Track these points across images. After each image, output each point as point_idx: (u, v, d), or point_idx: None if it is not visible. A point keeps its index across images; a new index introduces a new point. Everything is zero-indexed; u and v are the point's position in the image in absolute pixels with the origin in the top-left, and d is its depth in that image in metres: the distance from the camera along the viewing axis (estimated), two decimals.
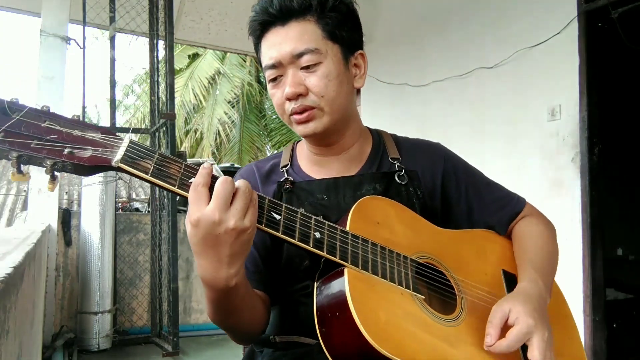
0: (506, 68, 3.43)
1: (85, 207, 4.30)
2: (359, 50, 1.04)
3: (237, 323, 0.92)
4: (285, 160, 1.10)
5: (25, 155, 0.67)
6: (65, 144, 0.70)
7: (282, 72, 0.97)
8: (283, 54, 0.95)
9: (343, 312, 0.76)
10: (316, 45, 0.95)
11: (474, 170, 1.15)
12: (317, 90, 0.95)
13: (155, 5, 4.39)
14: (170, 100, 4.00)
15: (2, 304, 0.87)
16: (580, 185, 2.91)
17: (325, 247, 0.81)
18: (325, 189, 1.02)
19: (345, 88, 1.00)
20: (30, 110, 0.70)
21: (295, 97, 0.95)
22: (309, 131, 0.98)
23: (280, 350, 0.99)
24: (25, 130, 0.69)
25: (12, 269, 1.03)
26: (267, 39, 0.98)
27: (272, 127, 14.23)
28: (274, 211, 0.79)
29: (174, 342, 3.83)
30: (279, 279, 1.01)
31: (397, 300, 0.82)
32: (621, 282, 3.16)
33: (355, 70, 1.03)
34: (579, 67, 2.94)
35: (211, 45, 5.65)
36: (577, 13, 2.96)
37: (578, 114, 2.95)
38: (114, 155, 0.72)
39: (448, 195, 1.09)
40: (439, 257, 0.95)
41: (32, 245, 1.77)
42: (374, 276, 0.82)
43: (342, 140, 1.05)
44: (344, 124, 1.03)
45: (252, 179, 1.07)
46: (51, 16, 3.85)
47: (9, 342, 1.00)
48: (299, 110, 0.96)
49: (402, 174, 1.05)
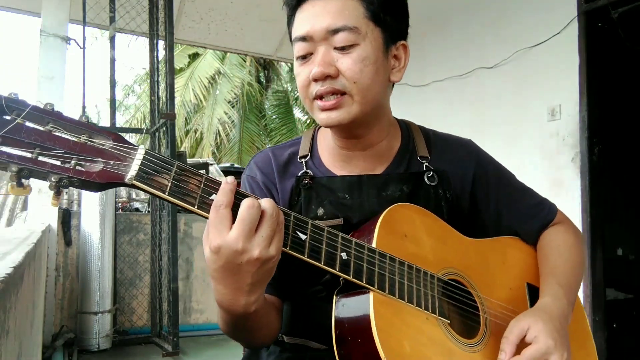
0: (506, 68, 3.43)
1: (85, 207, 4.30)
2: (402, 40, 0.93)
3: (250, 338, 0.89)
4: (304, 150, 1.00)
5: (27, 169, 0.59)
6: (72, 154, 0.61)
7: (312, 49, 0.86)
8: (317, 27, 0.84)
9: (366, 339, 0.74)
10: (356, 24, 0.84)
11: (506, 174, 1.08)
12: (350, 74, 0.84)
13: (155, 5, 4.39)
14: (170, 100, 4.00)
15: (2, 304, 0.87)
16: (580, 185, 2.91)
17: (352, 270, 0.76)
18: (348, 188, 0.94)
19: (381, 78, 0.89)
20: (32, 110, 0.60)
21: (323, 77, 0.84)
22: (333, 120, 0.87)
23: (288, 352, 0.96)
24: (26, 137, 0.59)
25: (12, 269, 1.03)
26: (303, 10, 0.88)
27: (272, 127, 14.23)
28: (300, 230, 0.73)
29: (174, 342, 3.83)
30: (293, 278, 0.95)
31: (422, 326, 0.80)
32: (621, 282, 3.16)
33: (394, 62, 0.92)
34: (579, 67, 2.94)
35: (211, 45, 5.64)
36: (577, 13, 2.97)
37: (578, 114, 2.95)
38: (128, 170, 0.63)
39: (477, 198, 1.02)
40: (465, 272, 0.91)
41: (32, 245, 1.77)
42: (400, 301, 0.79)
43: (369, 135, 0.94)
44: (373, 117, 0.92)
45: (269, 169, 0.99)
46: (51, 16, 3.85)
47: (9, 342, 1.00)
48: (326, 93, 0.85)
49: (431, 175, 0.97)
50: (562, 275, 0.96)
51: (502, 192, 1.04)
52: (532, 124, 3.23)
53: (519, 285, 0.98)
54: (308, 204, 0.93)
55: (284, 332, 0.97)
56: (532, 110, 3.23)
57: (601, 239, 2.88)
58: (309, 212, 0.92)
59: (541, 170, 3.13)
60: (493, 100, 3.54)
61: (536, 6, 3.26)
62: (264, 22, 5.18)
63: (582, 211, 2.87)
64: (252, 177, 0.99)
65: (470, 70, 3.68)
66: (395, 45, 0.92)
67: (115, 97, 4.89)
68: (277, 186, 0.97)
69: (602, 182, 2.92)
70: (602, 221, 2.88)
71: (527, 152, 3.22)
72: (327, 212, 0.92)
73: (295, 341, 0.96)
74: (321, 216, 0.92)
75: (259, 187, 0.98)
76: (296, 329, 0.96)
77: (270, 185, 0.97)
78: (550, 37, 3.11)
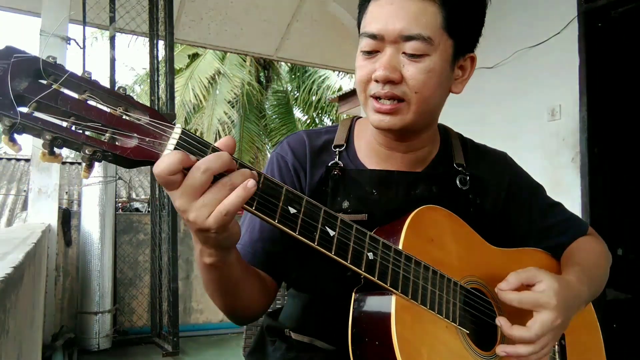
0: (506, 68, 3.43)
1: (85, 207, 4.30)
2: (471, 52, 0.91)
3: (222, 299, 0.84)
4: (340, 140, 0.97)
5: (61, 138, 0.56)
6: (107, 127, 0.59)
7: (380, 48, 0.83)
8: (390, 29, 0.81)
9: (384, 343, 0.73)
10: (430, 34, 0.81)
11: (539, 189, 1.08)
12: (414, 83, 0.82)
13: (155, 5, 4.39)
14: (170, 100, 4.00)
15: (2, 304, 0.87)
16: (580, 185, 2.91)
17: (377, 271, 0.74)
18: (377, 182, 0.92)
19: (443, 90, 0.88)
20: (70, 77, 0.58)
21: (385, 81, 0.82)
22: (385, 125, 0.85)
23: (295, 350, 0.95)
24: (62, 104, 0.56)
25: (12, 269, 1.03)
26: (379, 2, 0.84)
27: (272, 127, 14.23)
28: (329, 225, 0.71)
29: (174, 342, 3.83)
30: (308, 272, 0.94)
31: (441, 335, 0.80)
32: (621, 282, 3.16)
33: (459, 72, 0.90)
34: (579, 67, 2.94)
35: (211, 45, 5.65)
36: (577, 13, 2.96)
37: (578, 114, 2.95)
38: (163, 149, 0.61)
39: (509, 211, 1.02)
40: (488, 281, 0.90)
41: (32, 245, 1.77)
42: (422, 307, 0.78)
43: (415, 141, 0.93)
44: (425, 125, 0.91)
45: (302, 152, 0.96)
46: (51, 16, 3.85)
47: (9, 342, 1.00)
48: (385, 97, 0.83)
49: (465, 178, 0.96)
50: (587, 268, 0.94)
51: (534, 206, 1.04)
52: (532, 124, 3.23)
53: None
54: (334, 196, 0.92)
55: (292, 328, 0.96)
56: (532, 110, 3.23)
57: None
58: (334, 204, 0.91)
59: (541, 170, 3.12)
60: (493, 100, 3.54)
61: (536, 6, 3.26)
62: (264, 22, 5.18)
63: (582, 211, 2.87)
64: (283, 156, 0.97)
65: None
66: (464, 56, 0.90)
67: None
68: (307, 171, 0.95)
69: (602, 182, 2.92)
70: (602, 221, 2.88)
71: (527, 152, 3.22)
72: (352, 206, 0.91)
73: (303, 339, 0.94)
74: (346, 209, 0.90)
75: (287, 168, 0.95)
76: (304, 326, 0.95)
77: (299, 169, 0.95)
78: (550, 37, 3.11)
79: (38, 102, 0.55)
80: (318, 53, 5.71)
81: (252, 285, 0.84)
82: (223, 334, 4.75)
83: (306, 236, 0.69)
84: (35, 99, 0.55)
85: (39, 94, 0.55)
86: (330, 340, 0.91)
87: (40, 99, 0.55)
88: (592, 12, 2.93)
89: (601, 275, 0.99)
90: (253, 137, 13.76)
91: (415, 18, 0.81)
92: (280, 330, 0.97)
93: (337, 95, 9.27)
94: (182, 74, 12.78)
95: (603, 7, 2.86)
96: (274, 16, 5.13)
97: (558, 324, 0.79)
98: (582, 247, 1.02)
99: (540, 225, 1.03)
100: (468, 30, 0.88)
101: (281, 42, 5.39)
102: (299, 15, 5.12)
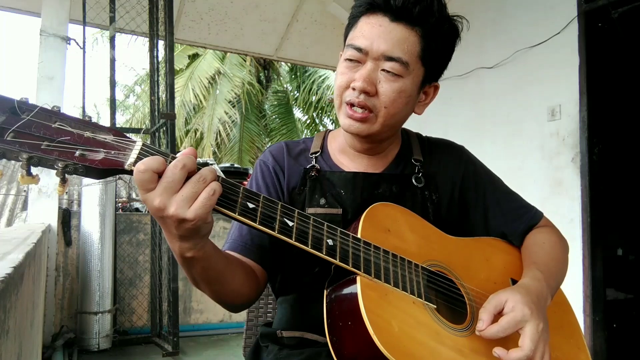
0: (506, 68, 3.43)
1: (85, 207, 4.30)
2: (436, 82, 1.05)
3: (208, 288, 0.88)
4: (315, 147, 1.10)
5: (36, 157, 0.66)
6: (77, 146, 0.68)
7: (362, 60, 0.96)
8: (375, 47, 0.94)
9: (355, 321, 0.75)
10: (409, 60, 0.94)
11: (494, 177, 1.15)
12: (385, 99, 0.95)
13: (155, 5, 4.39)
14: (170, 100, 4.00)
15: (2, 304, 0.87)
16: (580, 185, 2.91)
17: (338, 254, 0.80)
18: (344, 183, 1.03)
19: (408, 109, 1.01)
20: (40, 110, 0.68)
21: (361, 91, 0.94)
22: (354, 130, 0.98)
23: (287, 348, 0.98)
24: (36, 131, 0.66)
25: (12, 269, 1.03)
26: (370, 21, 0.96)
27: (272, 127, 14.24)
28: (287, 217, 0.78)
29: (174, 342, 3.83)
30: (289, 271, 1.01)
31: (409, 309, 0.82)
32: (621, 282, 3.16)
33: (422, 96, 1.04)
34: (579, 67, 2.94)
35: (211, 45, 5.64)
36: (577, 13, 2.97)
37: (578, 114, 2.95)
38: (127, 158, 0.70)
39: (466, 199, 1.10)
40: (448, 265, 0.94)
41: (32, 245, 1.77)
42: (386, 285, 0.82)
43: (379, 147, 1.06)
44: (388, 135, 1.04)
45: (281, 157, 1.09)
46: (51, 16, 3.85)
47: (9, 342, 1.00)
48: (358, 105, 0.95)
49: (419, 176, 1.05)
50: (542, 264, 1.00)
51: (490, 193, 1.11)
52: (532, 124, 3.23)
53: (503, 280, 1.01)
54: (312, 193, 1.02)
55: (282, 328, 1.00)
56: (532, 110, 3.23)
57: (601, 239, 2.88)
58: (313, 201, 1.02)
59: (541, 170, 3.13)
60: (493, 100, 3.54)
61: (536, 6, 3.26)
62: (264, 22, 5.18)
63: (582, 211, 2.87)
64: (265, 162, 1.10)
65: (470, 70, 3.68)
66: (429, 84, 1.03)
67: (115, 97, 4.89)
68: (285, 172, 1.07)
69: (602, 182, 2.92)
70: (602, 221, 2.88)
71: (527, 152, 3.23)
72: (328, 202, 1.01)
73: (294, 334, 0.99)
74: (323, 204, 1.01)
75: (269, 170, 1.08)
76: (294, 324, 1.00)
77: (278, 170, 1.08)
78: (550, 37, 3.11)
79: (15, 131, 0.65)
80: (318, 53, 5.71)
81: (236, 272, 0.90)
82: (223, 334, 4.75)
83: (267, 226, 0.76)
84: (12, 129, 0.65)
85: (15, 125, 0.66)
86: (320, 332, 0.94)
87: (17, 129, 0.65)
88: (592, 12, 2.93)
89: (559, 266, 1.04)
90: (253, 137, 13.76)
91: (399, 43, 0.94)
92: (273, 334, 1.01)
93: None
94: (182, 74, 12.79)
95: (603, 7, 2.86)
96: (274, 16, 5.13)
97: (542, 327, 0.83)
98: (537, 242, 1.07)
99: (496, 213, 1.10)
100: (438, 62, 1.02)
101: (281, 42, 5.39)
102: (299, 15, 5.12)
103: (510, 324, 0.81)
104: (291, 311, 1.02)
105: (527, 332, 0.81)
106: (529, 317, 0.82)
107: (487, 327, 0.81)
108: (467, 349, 0.83)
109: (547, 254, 1.04)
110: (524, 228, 1.10)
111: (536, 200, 1.21)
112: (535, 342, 0.80)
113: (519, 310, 0.82)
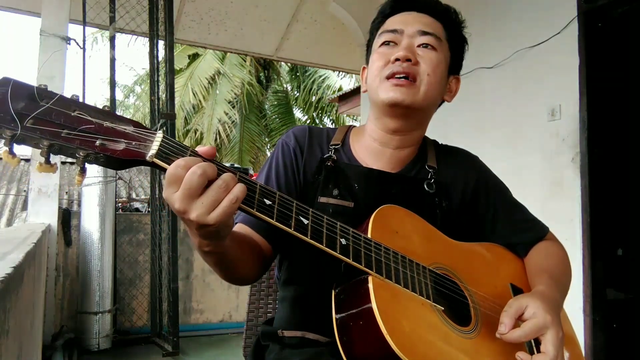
0: (506, 68, 3.43)
1: (85, 207, 4.30)
2: (457, 74, 1.12)
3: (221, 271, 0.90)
4: (337, 140, 1.11)
5: (57, 145, 0.64)
6: (98, 136, 0.67)
7: (398, 40, 1.02)
8: (409, 27, 1.02)
9: (368, 321, 0.75)
10: (440, 36, 1.03)
11: (504, 189, 1.18)
12: (426, 67, 0.99)
13: (155, 5, 4.39)
14: (170, 100, 4.00)
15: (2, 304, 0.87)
16: (580, 185, 2.91)
17: (351, 254, 0.80)
18: (359, 178, 1.04)
19: (442, 88, 1.06)
20: (60, 98, 0.66)
21: (405, 59, 0.98)
22: (398, 95, 0.98)
23: (288, 348, 0.99)
24: (56, 119, 0.65)
25: (12, 269, 1.03)
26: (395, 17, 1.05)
27: (272, 127, 14.23)
28: (302, 215, 0.78)
29: (174, 342, 3.83)
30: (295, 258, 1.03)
31: (419, 310, 0.82)
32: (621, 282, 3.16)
33: (449, 85, 1.10)
34: (579, 67, 2.94)
35: (211, 45, 5.64)
36: (577, 13, 2.96)
37: (578, 114, 2.94)
38: (148, 150, 0.69)
39: (476, 207, 1.12)
40: (452, 268, 0.95)
41: (32, 245, 1.77)
42: (397, 285, 0.82)
43: (407, 136, 1.07)
44: (421, 118, 1.07)
45: (303, 139, 1.10)
46: (51, 16, 3.85)
47: (9, 342, 1.00)
48: (403, 72, 0.98)
49: (431, 182, 1.06)
50: (554, 274, 1.02)
51: (500, 203, 1.13)
52: (532, 124, 3.22)
53: (503, 284, 1.03)
54: (326, 183, 1.03)
55: (283, 327, 1.00)
56: (532, 110, 3.23)
57: (601, 239, 2.87)
58: (326, 190, 1.03)
59: (541, 170, 3.12)
60: (493, 100, 3.54)
61: (536, 6, 3.25)
62: (264, 22, 5.18)
63: (582, 211, 2.87)
64: (287, 142, 1.11)
65: (470, 70, 3.68)
66: (454, 75, 1.10)
67: (115, 97, 4.89)
68: (304, 155, 1.09)
69: (602, 182, 2.91)
70: (602, 221, 2.87)
71: (527, 152, 3.22)
72: (341, 193, 1.02)
73: (295, 334, 0.99)
74: (335, 195, 1.02)
75: (289, 151, 1.09)
76: (295, 323, 1.00)
77: (298, 152, 1.09)
78: (550, 37, 3.11)
79: (35, 117, 0.64)
80: (318, 53, 5.71)
81: (248, 258, 0.93)
82: (223, 334, 4.76)
83: (283, 223, 0.76)
84: (32, 115, 0.64)
85: (35, 111, 0.64)
86: (320, 331, 0.95)
87: (37, 115, 0.64)
88: (592, 12, 2.93)
89: (566, 280, 1.07)
90: (253, 137, 13.76)
91: (430, 24, 1.03)
92: (273, 334, 1.01)
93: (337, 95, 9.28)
94: (182, 74, 12.78)
95: (603, 7, 2.86)
96: (274, 16, 5.13)
97: (561, 335, 0.85)
98: (548, 254, 1.10)
99: (505, 222, 1.12)
100: (458, 52, 1.10)
101: (281, 42, 5.39)
102: (299, 15, 5.12)
103: (532, 329, 0.83)
104: (292, 310, 1.02)
105: (549, 339, 0.83)
106: (550, 324, 0.84)
107: (510, 331, 0.83)
108: (473, 351, 0.84)
109: (556, 266, 1.06)
110: (531, 240, 1.13)
111: (536, 200, 1.22)
112: (557, 349, 0.82)
113: (541, 317, 0.84)
